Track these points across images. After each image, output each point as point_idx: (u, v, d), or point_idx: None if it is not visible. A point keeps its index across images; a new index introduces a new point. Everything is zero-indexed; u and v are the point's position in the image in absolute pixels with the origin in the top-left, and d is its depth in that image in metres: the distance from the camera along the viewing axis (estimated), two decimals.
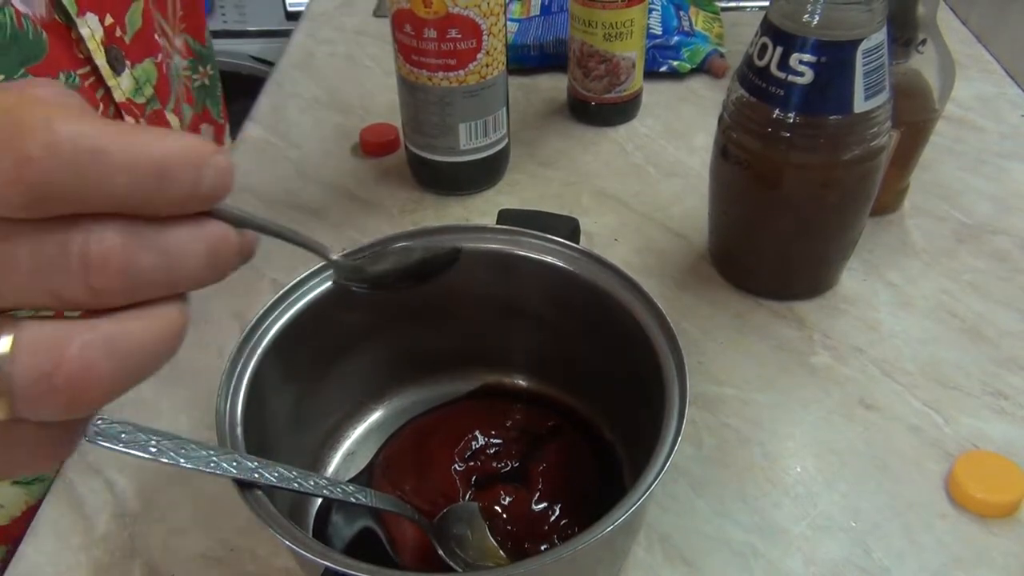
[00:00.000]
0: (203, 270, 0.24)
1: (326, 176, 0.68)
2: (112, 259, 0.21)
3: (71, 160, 0.20)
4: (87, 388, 0.22)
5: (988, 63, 0.80)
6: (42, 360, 0.21)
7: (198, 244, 0.23)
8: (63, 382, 0.21)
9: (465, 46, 0.57)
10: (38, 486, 0.48)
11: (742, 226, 0.55)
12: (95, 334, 0.22)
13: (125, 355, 0.22)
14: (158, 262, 0.22)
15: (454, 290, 0.44)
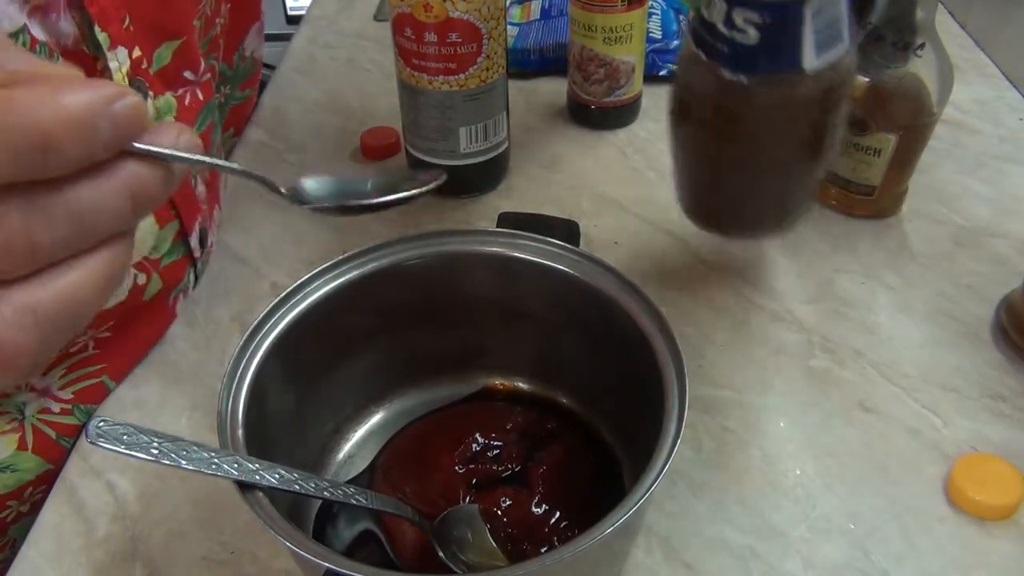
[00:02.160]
0: (121, 219, 0.23)
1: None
2: (15, 243, 0.21)
3: None
4: (10, 362, 0.22)
5: (987, 67, 0.81)
6: None
7: (111, 199, 0.22)
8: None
9: (465, 50, 0.57)
10: (10, 476, 0.47)
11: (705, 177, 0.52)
12: (9, 308, 0.21)
13: (44, 322, 0.22)
14: (67, 231, 0.21)
15: (454, 293, 0.45)
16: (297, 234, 0.63)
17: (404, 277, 0.43)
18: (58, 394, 0.49)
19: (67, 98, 0.20)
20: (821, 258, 0.59)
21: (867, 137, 0.58)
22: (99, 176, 0.22)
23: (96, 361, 0.50)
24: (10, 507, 0.48)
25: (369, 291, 0.42)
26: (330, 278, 0.42)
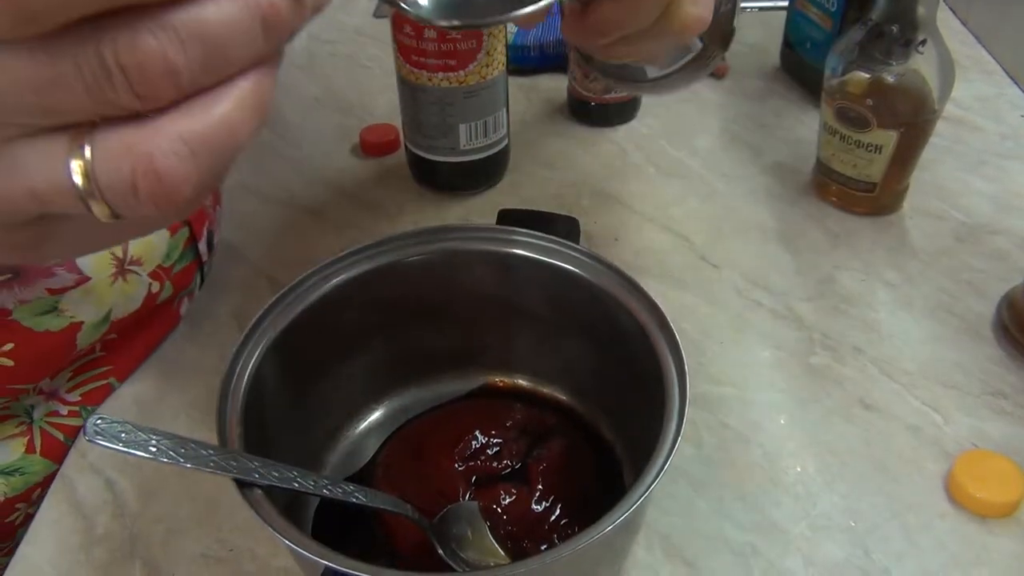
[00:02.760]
0: (255, 43, 0.23)
1: (326, 176, 0.68)
2: (149, 66, 0.21)
3: None
4: (174, 193, 0.22)
5: (988, 63, 0.80)
6: (121, 173, 0.22)
7: (240, 19, 0.22)
8: (147, 193, 0.22)
9: (465, 47, 0.57)
10: (19, 479, 0.47)
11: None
12: (164, 139, 0.22)
13: (200, 150, 0.22)
14: (200, 51, 0.21)
15: (454, 290, 0.44)
16: (296, 231, 0.63)
17: (404, 274, 0.43)
18: (66, 397, 0.49)
19: None
20: (821, 255, 0.59)
21: (868, 134, 0.57)
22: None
23: (103, 363, 0.51)
24: (18, 509, 0.48)
25: (369, 288, 0.42)
26: (330, 275, 0.42)
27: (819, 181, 0.64)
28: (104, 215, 0.23)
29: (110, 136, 0.22)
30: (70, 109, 0.22)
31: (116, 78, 0.21)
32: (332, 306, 0.41)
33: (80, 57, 0.21)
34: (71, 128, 0.22)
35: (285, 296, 0.40)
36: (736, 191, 0.66)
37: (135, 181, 0.22)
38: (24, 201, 0.23)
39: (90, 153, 0.22)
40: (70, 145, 0.22)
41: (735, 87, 0.78)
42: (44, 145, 0.22)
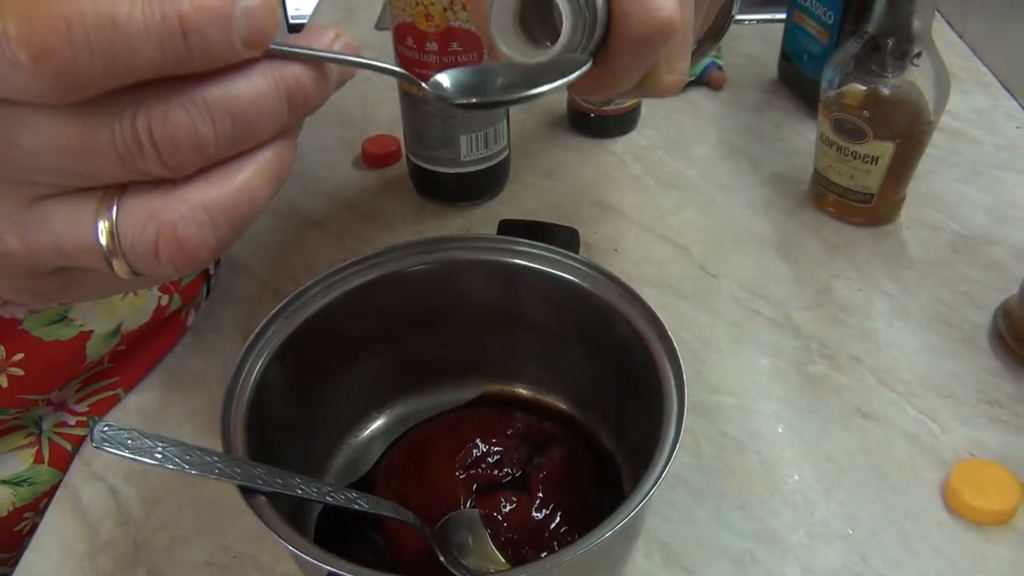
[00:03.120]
0: (280, 118, 0.24)
1: (328, 187, 0.69)
2: (180, 139, 0.22)
3: (86, 43, 0.20)
4: (193, 258, 0.23)
5: (984, 75, 0.81)
6: (145, 238, 0.23)
7: (267, 96, 0.23)
8: (168, 258, 0.23)
9: (466, 59, 0.58)
10: (27, 489, 0.48)
11: None
12: (187, 206, 0.23)
13: (220, 218, 0.24)
14: (229, 126, 0.23)
15: (455, 300, 0.45)
16: (299, 242, 0.63)
17: (405, 284, 0.43)
18: (74, 408, 0.50)
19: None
20: (819, 265, 0.60)
21: (865, 145, 0.58)
22: (252, 75, 0.23)
23: (111, 374, 0.51)
24: (26, 519, 0.49)
25: (371, 298, 0.43)
26: (332, 285, 0.42)
27: (817, 192, 0.64)
28: (124, 273, 0.24)
29: (136, 201, 0.23)
30: (101, 174, 0.23)
31: (147, 150, 0.22)
32: (334, 315, 0.42)
33: (115, 128, 0.22)
34: (99, 190, 0.23)
35: (288, 306, 0.41)
36: (734, 202, 0.66)
37: (158, 247, 0.23)
38: (50, 255, 0.24)
39: (116, 215, 0.23)
40: (98, 207, 0.23)
41: (733, 99, 0.79)
42: (73, 205, 0.24)
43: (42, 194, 0.24)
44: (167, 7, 0.21)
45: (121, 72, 0.21)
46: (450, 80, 0.30)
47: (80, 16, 0.20)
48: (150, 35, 0.21)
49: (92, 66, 0.20)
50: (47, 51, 0.20)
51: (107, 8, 0.20)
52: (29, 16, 0.20)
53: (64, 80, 0.20)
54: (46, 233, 0.24)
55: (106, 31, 0.20)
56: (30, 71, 0.20)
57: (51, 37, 0.20)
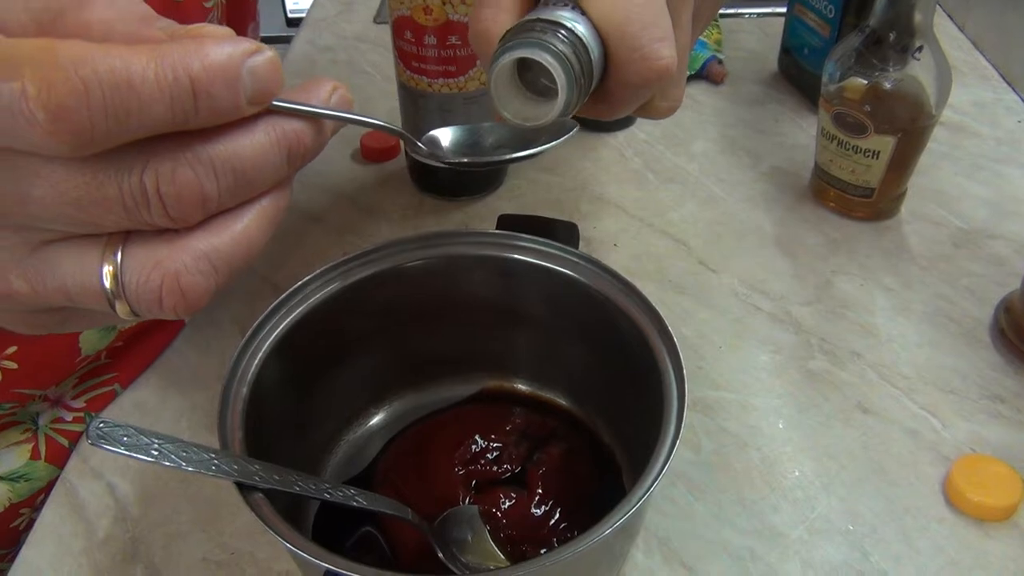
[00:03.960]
0: (279, 171, 0.25)
1: (327, 182, 0.68)
2: (185, 194, 0.23)
3: (102, 104, 0.21)
4: (191, 302, 0.25)
5: (985, 69, 0.81)
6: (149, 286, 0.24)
7: (269, 152, 0.24)
8: (170, 305, 0.24)
9: (465, 52, 0.58)
10: (23, 485, 0.48)
11: None
12: (190, 256, 0.24)
13: (221, 266, 0.25)
14: (231, 181, 0.24)
15: (454, 295, 0.45)
16: (297, 236, 0.63)
17: (404, 279, 0.43)
18: (71, 403, 0.50)
19: (211, 50, 0.22)
20: (820, 260, 0.59)
21: (866, 139, 0.58)
22: (254, 131, 0.24)
23: (108, 370, 0.51)
24: (23, 514, 0.49)
25: (369, 293, 0.43)
26: (330, 280, 0.42)
27: (817, 186, 0.64)
28: (125, 314, 0.25)
29: (141, 250, 0.24)
30: (107, 223, 0.24)
31: (154, 203, 0.23)
32: (333, 311, 0.42)
33: (123, 182, 0.23)
34: (104, 236, 0.24)
35: (286, 301, 0.40)
36: (734, 196, 0.66)
37: (162, 296, 0.24)
38: (54, 297, 0.25)
39: (121, 262, 0.24)
40: (103, 253, 0.24)
41: (733, 93, 0.78)
42: (78, 250, 0.25)
43: (47, 239, 0.25)
44: (179, 69, 0.22)
45: (133, 129, 0.22)
46: (444, 138, 0.33)
47: (97, 77, 0.21)
48: (163, 95, 0.22)
49: (106, 125, 0.21)
50: (65, 111, 0.20)
51: (122, 69, 0.21)
52: (47, 77, 0.20)
53: (79, 138, 0.21)
54: (51, 277, 0.25)
55: (121, 92, 0.21)
56: (47, 129, 0.21)
57: (69, 98, 0.20)
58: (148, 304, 0.25)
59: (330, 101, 0.26)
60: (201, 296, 0.25)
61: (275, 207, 0.26)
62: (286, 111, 0.25)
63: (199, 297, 0.25)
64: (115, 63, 0.21)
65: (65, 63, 0.21)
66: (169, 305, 0.25)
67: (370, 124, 0.30)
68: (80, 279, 0.25)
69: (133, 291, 0.25)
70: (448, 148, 0.33)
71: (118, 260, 0.24)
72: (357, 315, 0.43)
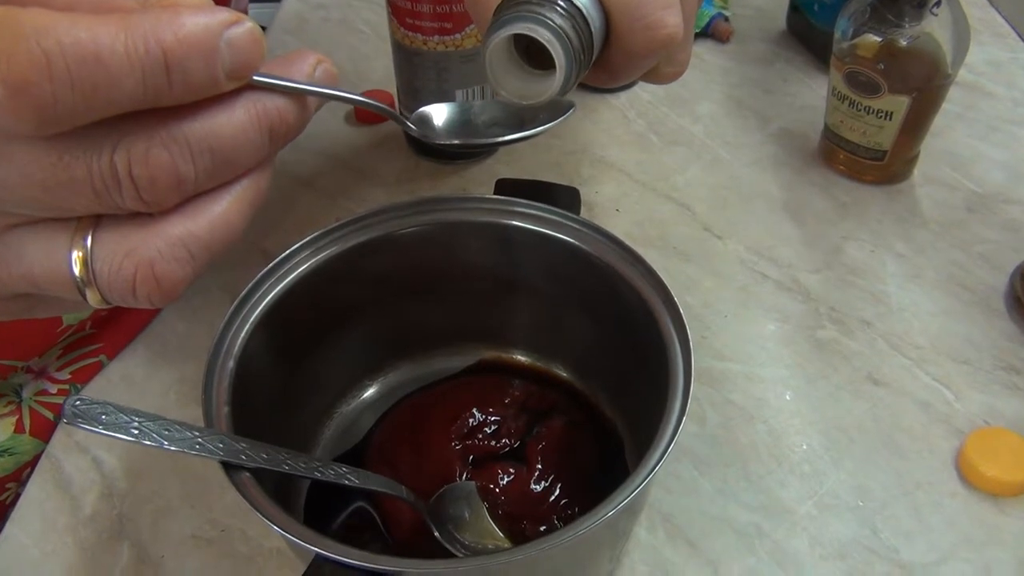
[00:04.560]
0: (260, 151, 0.24)
1: (319, 145, 0.66)
2: (159, 176, 0.22)
3: (67, 78, 0.19)
4: (166, 291, 0.24)
5: (1001, 27, 0.78)
6: (122, 275, 0.23)
7: (249, 131, 0.23)
8: (144, 294, 0.23)
9: (461, 9, 0.55)
10: (8, 459, 0.47)
11: None
12: (165, 242, 0.23)
13: (198, 252, 0.24)
14: (209, 163, 0.22)
15: (451, 263, 0.43)
16: (287, 200, 0.61)
17: (398, 246, 0.42)
18: (55, 375, 0.48)
19: (186, 19, 0.21)
20: (829, 225, 0.58)
21: (879, 99, 0.56)
22: (233, 109, 0.23)
23: (93, 341, 0.50)
24: (9, 489, 0.48)
25: (362, 261, 0.41)
26: (322, 247, 0.40)
27: (827, 149, 0.62)
28: (97, 303, 0.24)
29: (112, 235, 0.23)
30: (76, 207, 0.22)
31: (125, 186, 0.22)
32: (324, 279, 0.40)
33: (93, 163, 0.21)
34: (73, 220, 0.23)
35: (275, 269, 0.39)
36: (741, 159, 0.64)
37: (135, 285, 0.23)
38: (20, 284, 0.24)
39: (91, 248, 0.23)
40: (72, 238, 0.23)
41: (739, 51, 0.76)
42: (45, 235, 0.23)
43: (13, 223, 0.23)
44: (150, 40, 0.20)
45: (101, 106, 0.20)
46: (436, 117, 0.31)
47: (61, 49, 0.19)
48: (133, 69, 0.20)
49: (72, 100, 0.20)
50: (26, 85, 0.19)
51: (89, 42, 0.19)
52: (7, 50, 0.19)
53: (43, 114, 0.20)
54: (17, 263, 0.24)
55: (88, 66, 0.19)
56: (7, 105, 0.19)
57: (30, 71, 0.19)
58: (121, 293, 0.23)
59: (314, 76, 0.25)
60: (177, 284, 0.24)
61: (255, 189, 0.25)
62: (267, 86, 0.24)
63: (174, 286, 0.24)
64: (81, 34, 0.19)
65: (27, 32, 0.19)
66: (143, 294, 0.23)
67: (357, 102, 0.28)
68: (47, 266, 0.23)
69: (105, 279, 0.23)
70: (440, 127, 0.31)
71: (88, 246, 0.23)
72: (350, 283, 0.41)
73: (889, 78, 0.55)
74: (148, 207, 0.22)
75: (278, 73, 0.24)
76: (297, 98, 0.25)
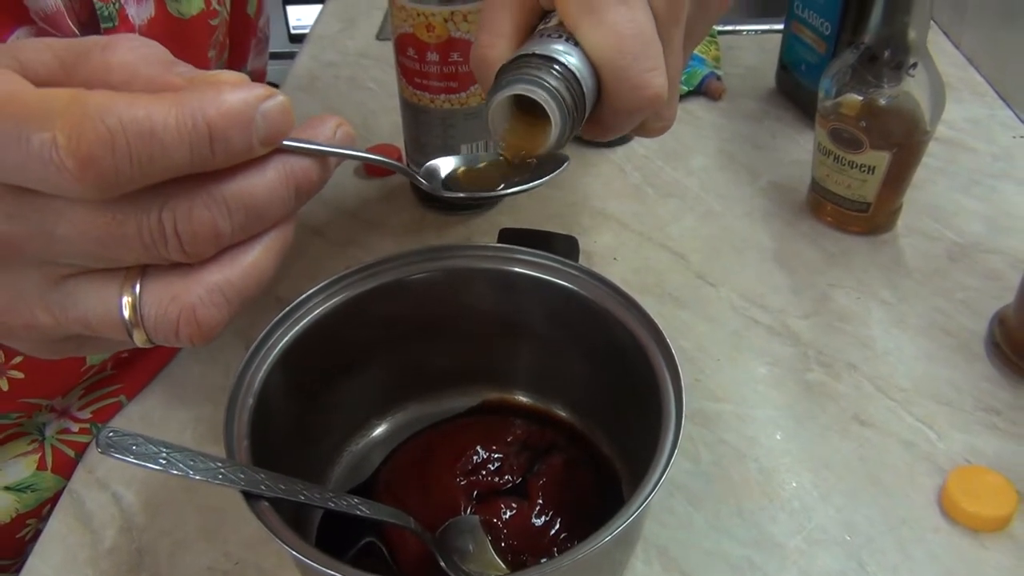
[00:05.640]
0: (288, 206, 0.27)
1: (329, 196, 0.69)
2: (200, 231, 0.25)
3: (127, 152, 0.22)
4: (206, 333, 0.26)
5: (979, 85, 0.82)
6: (167, 318, 0.26)
7: (278, 189, 0.26)
8: (187, 336, 0.26)
9: (467, 69, 0.58)
10: (30, 495, 0.48)
11: None
12: (205, 289, 0.26)
13: (234, 298, 0.26)
14: (243, 219, 0.25)
15: (456, 308, 0.45)
16: (300, 249, 0.64)
17: (406, 292, 0.44)
18: (77, 414, 0.50)
19: (228, 96, 0.24)
20: (817, 273, 0.60)
21: (861, 155, 0.59)
22: (265, 170, 0.26)
23: (114, 381, 0.52)
24: (29, 525, 0.49)
25: (372, 306, 0.43)
26: (333, 293, 0.42)
27: (814, 201, 0.65)
28: (142, 342, 0.27)
29: (158, 283, 0.26)
30: (126, 258, 0.25)
31: (171, 241, 0.24)
32: (336, 323, 0.42)
33: (143, 222, 0.24)
34: (122, 271, 0.26)
35: (291, 313, 0.41)
36: (733, 211, 0.67)
37: (179, 327, 0.26)
38: (75, 327, 0.27)
39: (140, 295, 0.26)
40: (122, 285, 0.26)
41: (731, 108, 0.79)
42: (99, 284, 0.26)
43: (69, 273, 0.26)
44: (198, 116, 0.23)
45: (156, 174, 0.23)
46: (443, 168, 0.35)
47: (122, 127, 0.22)
48: (183, 142, 0.23)
49: (130, 171, 0.22)
50: (93, 159, 0.22)
51: (145, 118, 0.22)
52: (77, 127, 0.22)
53: (104, 183, 0.22)
54: (73, 309, 0.26)
55: (145, 139, 0.22)
56: (76, 176, 0.22)
57: (97, 147, 0.22)
58: (165, 334, 0.26)
59: (334, 137, 0.28)
60: (215, 327, 0.26)
61: (282, 239, 0.27)
62: (294, 150, 0.27)
63: (213, 328, 0.26)
64: (139, 112, 0.22)
65: (93, 113, 0.22)
66: (185, 336, 0.26)
67: (373, 160, 0.31)
68: (100, 311, 0.26)
69: (152, 322, 0.26)
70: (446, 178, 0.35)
71: (137, 292, 0.26)
72: (360, 327, 0.43)
73: (870, 135, 0.58)
74: (189, 258, 0.25)
75: (303, 136, 0.27)
76: (320, 158, 0.27)
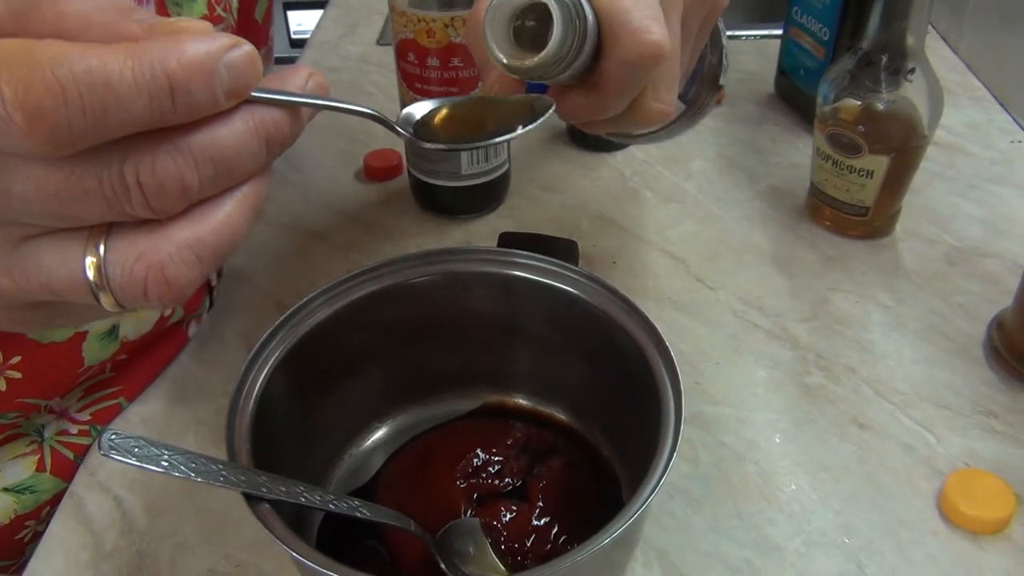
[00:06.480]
0: (258, 159, 0.25)
1: (330, 200, 0.69)
2: (166, 184, 0.23)
3: (79, 104, 0.21)
4: (176, 292, 0.25)
5: (978, 90, 0.82)
6: (133, 278, 0.24)
7: (247, 141, 0.25)
8: (155, 295, 0.25)
9: (467, 74, 0.59)
10: (29, 497, 0.48)
11: None
12: (174, 246, 0.24)
13: (205, 255, 0.25)
14: (212, 171, 0.24)
15: (456, 311, 0.45)
16: (302, 254, 0.64)
17: (407, 295, 0.44)
18: (76, 416, 0.50)
19: (189, 46, 0.22)
20: (816, 277, 0.60)
21: (860, 159, 0.59)
22: (233, 121, 0.24)
23: (113, 383, 0.52)
24: (27, 527, 0.49)
25: (372, 309, 0.43)
26: (334, 296, 0.43)
27: (813, 205, 0.65)
28: (110, 305, 0.25)
29: (123, 241, 0.24)
30: (88, 216, 0.24)
31: (134, 195, 0.23)
32: (337, 327, 0.42)
33: (103, 176, 0.23)
34: (86, 229, 0.25)
35: (292, 317, 0.41)
36: (732, 215, 0.67)
37: (146, 286, 0.25)
38: (39, 292, 0.25)
39: (103, 253, 0.24)
40: (85, 245, 0.25)
41: (730, 113, 0.80)
42: (61, 244, 0.25)
43: (30, 234, 0.25)
44: (156, 66, 0.22)
45: (111, 128, 0.22)
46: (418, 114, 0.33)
47: (73, 78, 0.21)
48: (141, 94, 0.22)
49: (84, 124, 0.21)
50: (42, 112, 0.21)
51: (99, 69, 0.21)
52: (24, 78, 0.21)
53: (57, 137, 0.21)
54: (35, 271, 0.25)
55: (98, 91, 0.21)
56: (25, 130, 0.21)
57: (46, 99, 0.21)
58: (133, 295, 0.25)
59: (306, 87, 0.27)
60: (186, 286, 0.25)
61: (256, 194, 0.26)
62: (264, 101, 0.25)
63: (184, 287, 0.25)
64: (92, 63, 0.21)
65: (42, 64, 0.21)
66: (154, 295, 0.25)
67: (346, 109, 0.29)
68: (63, 272, 0.25)
69: (118, 282, 0.25)
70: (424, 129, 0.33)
71: (101, 252, 0.25)
72: (361, 331, 0.44)
73: (869, 139, 0.58)
74: (156, 214, 0.24)
75: (273, 87, 0.26)
76: (291, 109, 0.26)
